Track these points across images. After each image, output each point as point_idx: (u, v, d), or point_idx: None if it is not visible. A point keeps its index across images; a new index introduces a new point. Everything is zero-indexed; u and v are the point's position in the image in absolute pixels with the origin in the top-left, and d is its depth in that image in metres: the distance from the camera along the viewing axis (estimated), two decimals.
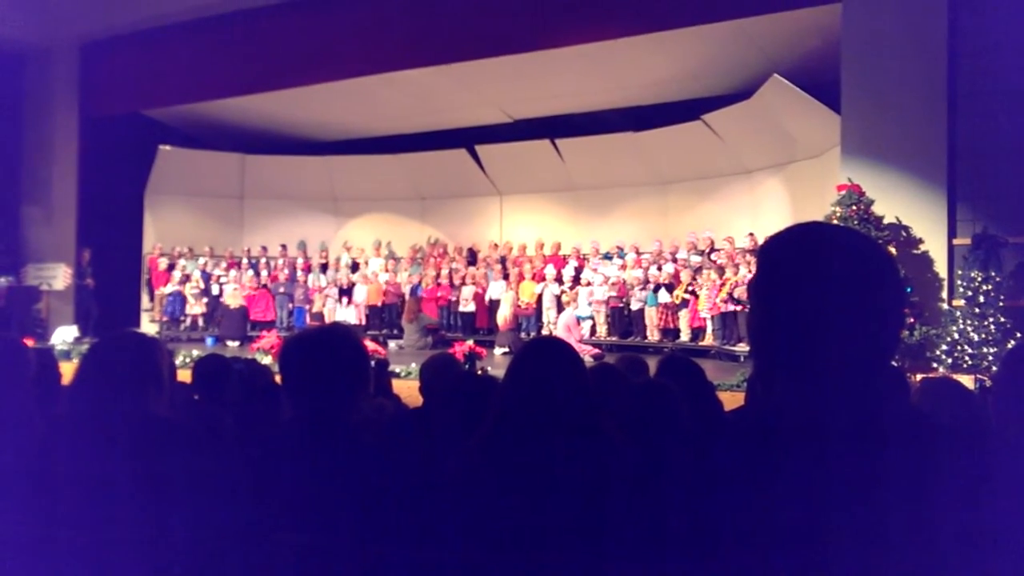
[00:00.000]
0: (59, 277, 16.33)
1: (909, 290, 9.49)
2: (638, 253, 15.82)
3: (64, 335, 14.88)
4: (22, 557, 2.34)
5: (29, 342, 8.70)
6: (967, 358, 9.35)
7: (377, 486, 2.33)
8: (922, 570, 1.29)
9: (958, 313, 9.62)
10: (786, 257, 1.47)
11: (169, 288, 17.64)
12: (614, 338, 15.21)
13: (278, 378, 3.01)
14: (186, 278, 17.67)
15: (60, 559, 2.30)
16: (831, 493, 1.32)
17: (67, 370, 4.44)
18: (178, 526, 2.32)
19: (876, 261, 1.44)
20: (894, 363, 1.48)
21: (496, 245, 17.97)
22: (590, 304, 15.41)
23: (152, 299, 18.20)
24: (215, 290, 17.82)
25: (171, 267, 17.92)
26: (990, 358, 9.20)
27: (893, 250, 9.56)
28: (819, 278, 1.41)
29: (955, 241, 10.10)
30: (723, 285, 13.40)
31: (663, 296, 14.63)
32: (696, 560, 1.41)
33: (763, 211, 14.94)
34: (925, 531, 1.30)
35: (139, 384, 2.62)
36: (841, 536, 1.30)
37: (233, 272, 18.03)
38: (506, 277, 16.47)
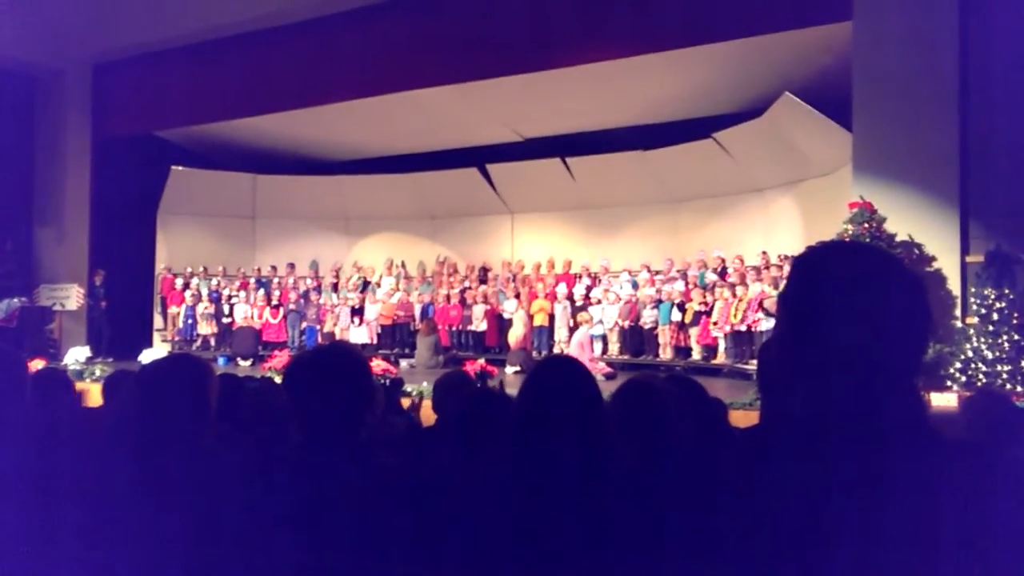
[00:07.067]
0: (72, 297, 16.42)
1: None
2: (650, 272, 15.78)
3: (77, 355, 14.93)
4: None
5: (41, 363, 8.75)
6: (981, 376, 9.29)
7: (384, 504, 2.31)
8: None
9: (972, 331, 9.56)
10: (821, 272, 1.48)
11: (181, 308, 17.71)
12: (626, 356, 15.18)
13: None
14: (198, 297, 17.74)
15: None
16: (846, 508, 1.32)
17: (83, 389, 4.45)
18: (190, 543, 2.31)
19: (907, 282, 1.45)
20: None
21: (508, 263, 17.97)
22: (601, 323, 15.37)
23: (165, 319, 18.26)
24: (226, 310, 17.87)
25: (184, 287, 18.00)
26: (1004, 376, 9.14)
27: None
28: (851, 294, 1.41)
29: (968, 258, 10.03)
30: (738, 303, 13.35)
31: (676, 314, 14.59)
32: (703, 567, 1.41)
33: (775, 229, 14.91)
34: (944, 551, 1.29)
35: (192, 414, 2.64)
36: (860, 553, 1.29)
37: (243, 292, 18.08)
38: (517, 296, 16.45)
